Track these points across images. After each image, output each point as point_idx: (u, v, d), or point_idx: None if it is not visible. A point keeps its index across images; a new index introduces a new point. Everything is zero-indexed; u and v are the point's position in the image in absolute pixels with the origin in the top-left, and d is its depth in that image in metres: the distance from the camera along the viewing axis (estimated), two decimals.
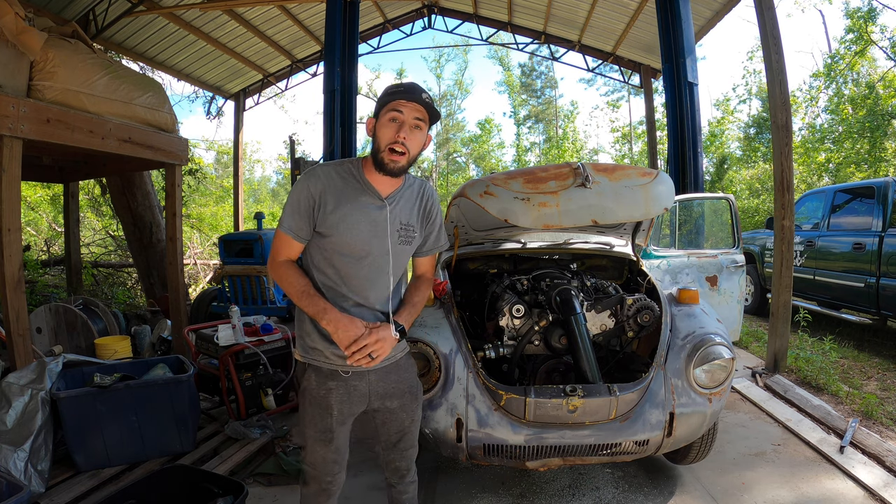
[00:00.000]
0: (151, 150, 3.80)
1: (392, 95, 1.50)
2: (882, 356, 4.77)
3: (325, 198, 1.54)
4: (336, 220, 1.53)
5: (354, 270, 1.57)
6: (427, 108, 1.50)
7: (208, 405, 3.62)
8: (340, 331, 1.49)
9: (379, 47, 11.86)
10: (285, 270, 1.57)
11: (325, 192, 1.54)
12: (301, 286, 1.53)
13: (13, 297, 2.86)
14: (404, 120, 1.49)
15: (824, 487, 2.59)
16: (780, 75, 4.19)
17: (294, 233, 1.55)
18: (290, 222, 1.55)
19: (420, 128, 1.52)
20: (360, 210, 1.55)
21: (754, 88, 19.34)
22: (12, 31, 2.83)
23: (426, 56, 29.68)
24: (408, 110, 1.49)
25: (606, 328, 2.54)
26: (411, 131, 1.50)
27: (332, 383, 1.59)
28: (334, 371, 1.59)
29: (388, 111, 1.50)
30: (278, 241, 1.59)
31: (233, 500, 2.07)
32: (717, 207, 6.40)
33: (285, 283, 1.56)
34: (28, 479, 2.31)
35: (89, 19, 7.54)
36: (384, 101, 1.52)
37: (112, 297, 7.65)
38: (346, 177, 1.58)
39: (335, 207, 1.54)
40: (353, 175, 1.58)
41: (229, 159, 17.66)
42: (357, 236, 1.55)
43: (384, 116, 1.51)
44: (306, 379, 1.62)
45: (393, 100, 1.49)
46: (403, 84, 1.52)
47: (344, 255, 1.56)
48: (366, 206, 1.56)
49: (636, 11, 8.66)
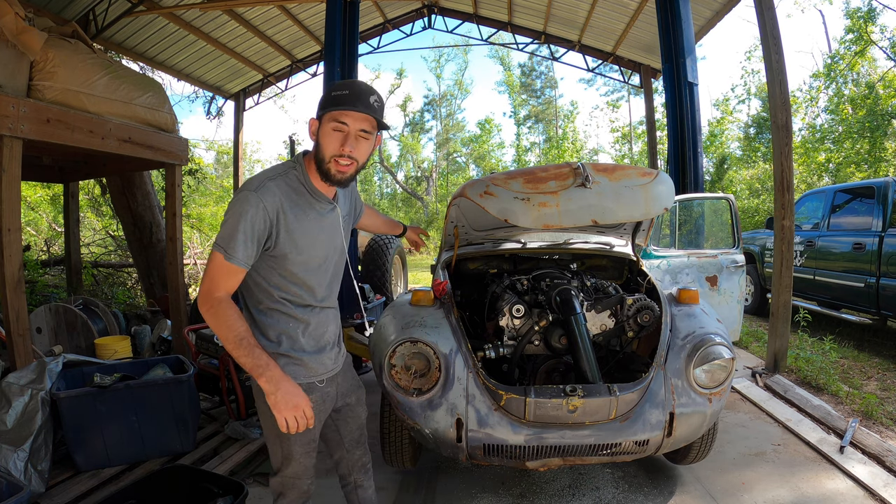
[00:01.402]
0: (151, 150, 3.80)
1: (335, 104, 1.36)
2: (882, 356, 4.77)
3: (280, 219, 1.40)
4: (297, 238, 1.43)
5: (318, 279, 1.54)
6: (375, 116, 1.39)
7: (208, 405, 3.62)
8: (280, 393, 1.37)
9: (379, 47, 11.85)
10: (224, 310, 1.35)
11: (281, 212, 1.40)
12: (240, 332, 1.35)
13: (13, 297, 2.86)
14: (349, 132, 1.38)
15: (824, 487, 2.59)
16: (780, 75, 4.19)
17: (246, 263, 1.37)
18: (243, 252, 1.35)
19: (367, 138, 1.42)
20: (315, 221, 1.49)
21: (753, 88, 19.36)
22: (12, 31, 2.83)
23: (426, 56, 29.77)
24: (352, 121, 1.37)
25: (606, 328, 2.54)
26: (357, 141, 1.40)
27: (311, 396, 1.53)
28: (310, 384, 1.55)
29: (330, 119, 1.38)
30: (220, 272, 1.36)
31: (233, 500, 2.07)
32: (717, 207, 6.40)
33: (222, 325, 1.35)
34: (28, 479, 2.31)
35: (89, 19, 7.53)
36: (327, 106, 1.37)
37: (112, 297, 7.65)
38: (298, 188, 1.46)
39: (295, 227, 1.43)
40: (302, 185, 1.47)
41: (229, 159, 17.66)
42: (317, 248, 1.50)
43: (327, 124, 1.38)
44: None
45: (335, 109, 1.36)
46: (348, 87, 1.38)
47: (308, 269, 1.49)
48: (320, 215, 1.51)
49: (636, 11, 8.65)
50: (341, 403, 1.70)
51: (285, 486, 1.61)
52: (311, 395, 1.53)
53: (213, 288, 1.37)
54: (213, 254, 1.38)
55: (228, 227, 1.36)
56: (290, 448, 1.55)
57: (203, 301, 1.38)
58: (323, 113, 1.39)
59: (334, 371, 1.64)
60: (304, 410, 1.41)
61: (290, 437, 1.51)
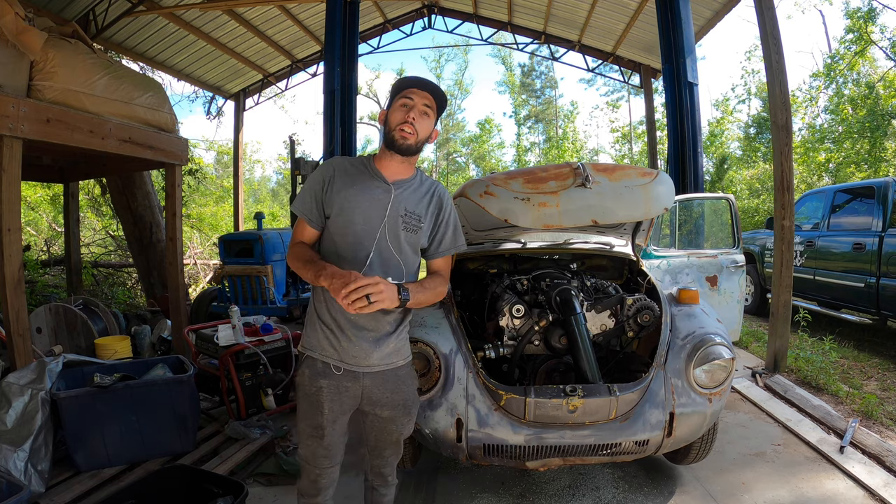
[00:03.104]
0: (151, 150, 3.80)
1: (403, 85, 1.60)
2: (882, 356, 4.77)
3: (334, 180, 1.60)
4: (341, 199, 1.58)
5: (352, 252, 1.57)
6: (435, 95, 1.60)
7: (208, 405, 3.62)
8: (335, 279, 1.40)
9: (379, 47, 11.86)
10: (293, 251, 1.60)
11: (335, 175, 1.61)
12: (306, 256, 1.55)
13: (13, 297, 2.86)
14: (414, 104, 1.58)
15: (824, 487, 2.59)
16: (780, 75, 4.19)
17: (305, 214, 1.61)
18: (300, 204, 1.62)
19: (428, 115, 1.60)
20: (364, 192, 1.59)
21: (753, 88, 19.36)
22: (12, 31, 2.83)
23: (426, 56, 29.75)
24: (417, 97, 1.58)
25: (606, 328, 2.54)
26: (420, 116, 1.58)
27: (323, 381, 1.58)
28: (326, 366, 1.58)
29: (399, 98, 1.60)
30: (295, 227, 1.67)
31: (233, 500, 2.07)
32: (717, 207, 6.40)
33: (295, 260, 1.57)
34: (28, 479, 2.31)
35: (89, 19, 7.54)
36: (395, 91, 1.61)
37: (112, 297, 7.65)
38: (358, 166, 1.66)
39: (342, 188, 1.59)
40: (364, 165, 1.66)
41: (229, 159, 17.64)
42: (356, 214, 1.57)
43: (395, 103, 1.60)
44: (300, 374, 1.64)
45: (404, 88, 1.59)
46: (413, 77, 1.62)
47: (344, 234, 1.58)
48: (371, 189, 1.60)
49: (636, 11, 8.66)
50: (369, 409, 1.65)
51: (301, 467, 1.70)
52: (325, 380, 1.58)
53: (292, 239, 1.65)
54: None
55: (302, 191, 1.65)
56: (299, 425, 1.65)
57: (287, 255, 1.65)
58: (392, 98, 1.63)
59: (361, 369, 1.58)
60: (363, 285, 1.37)
61: (298, 413, 1.65)
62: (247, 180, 28.65)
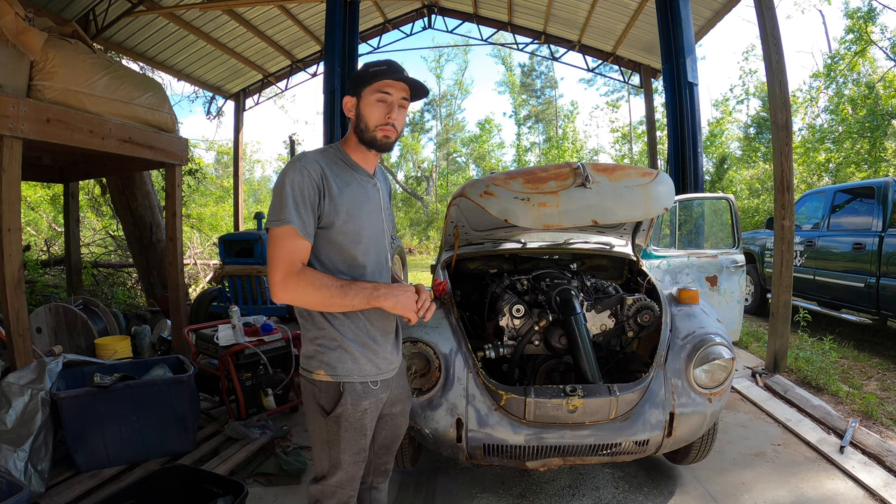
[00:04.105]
0: (151, 150, 3.80)
1: (376, 75, 1.43)
2: (882, 356, 4.77)
3: (327, 182, 1.41)
4: (347, 204, 1.43)
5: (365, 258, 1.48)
6: (411, 86, 1.47)
7: (208, 405, 3.62)
8: (401, 296, 1.38)
9: (379, 47, 11.85)
10: (306, 278, 1.33)
11: (325, 178, 1.40)
12: (327, 282, 1.34)
13: (13, 297, 2.86)
14: (392, 101, 1.45)
15: (824, 487, 2.59)
16: (780, 75, 4.19)
17: (301, 227, 1.34)
18: (297, 216, 1.33)
19: (404, 106, 1.49)
20: (361, 191, 1.48)
21: (751, 88, 19.36)
22: (12, 31, 2.83)
23: (426, 56, 29.77)
24: (394, 90, 1.45)
25: (606, 328, 2.54)
26: (399, 111, 1.47)
27: (365, 403, 1.46)
28: (365, 385, 1.47)
29: (374, 91, 1.44)
30: (287, 245, 1.33)
31: (233, 500, 2.07)
32: (717, 207, 6.40)
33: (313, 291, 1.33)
34: (28, 479, 2.31)
35: (89, 19, 7.54)
36: (368, 81, 1.44)
37: (112, 297, 7.65)
38: (338, 162, 1.49)
39: (340, 190, 1.42)
40: (342, 160, 1.50)
41: (229, 159, 17.64)
42: (363, 218, 1.47)
43: (370, 96, 1.44)
44: (341, 404, 1.43)
45: (378, 79, 1.43)
46: (384, 63, 1.46)
47: (357, 241, 1.45)
48: (364, 187, 1.51)
49: (636, 11, 8.66)
50: (386, 411, 1.59)
51: (324, 495, 1.51)
52: (366, 400, 1.46)
53: (281, 267, 1.33)
54: (269, 235, 1.36)
55: (276, 201, 1.36)
56: (339, 456, 1.46)
57: (279, 289, 1.33)
58: (362, 88, 1.45)
59: (390, 374, 1.54)
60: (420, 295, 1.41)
61: (339, 444, 1.45)
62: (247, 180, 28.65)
